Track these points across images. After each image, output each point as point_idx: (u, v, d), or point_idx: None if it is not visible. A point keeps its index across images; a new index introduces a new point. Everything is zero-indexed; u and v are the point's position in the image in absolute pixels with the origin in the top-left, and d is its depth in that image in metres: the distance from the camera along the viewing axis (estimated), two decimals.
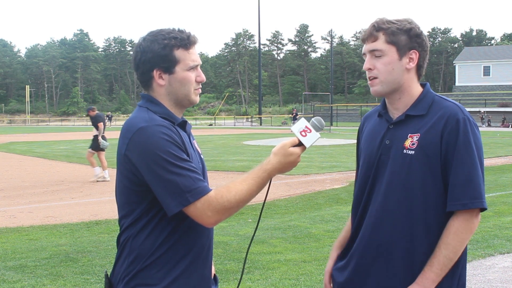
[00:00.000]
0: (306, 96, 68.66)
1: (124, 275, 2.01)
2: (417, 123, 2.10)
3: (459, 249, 2.04)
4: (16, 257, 6.21)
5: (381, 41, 2.09)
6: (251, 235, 7.16)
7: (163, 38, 2.02)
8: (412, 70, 2.12)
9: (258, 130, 48.34)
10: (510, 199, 10.13)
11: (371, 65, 2.12)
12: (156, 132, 1.91)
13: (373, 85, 2.14)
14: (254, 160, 17.87)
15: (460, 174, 2.01)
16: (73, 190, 12.17)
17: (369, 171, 2.19)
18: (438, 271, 2.02)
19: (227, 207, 1.91)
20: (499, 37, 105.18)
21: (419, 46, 2.11)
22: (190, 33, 2.07)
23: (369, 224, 2.16)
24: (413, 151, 2.06)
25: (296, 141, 2.02)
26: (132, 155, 1.93)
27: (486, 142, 27.38)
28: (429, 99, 2.13)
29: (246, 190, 1.94)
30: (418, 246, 2.07)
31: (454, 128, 2.03)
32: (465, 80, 68.55)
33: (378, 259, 2.13)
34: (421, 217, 2.06)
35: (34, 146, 27.77)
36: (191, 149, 2.05)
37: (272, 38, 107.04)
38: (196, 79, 2.08)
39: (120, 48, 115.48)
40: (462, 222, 2.02)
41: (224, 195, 1.91)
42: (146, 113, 2.00)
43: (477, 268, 5.80)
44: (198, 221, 1.93)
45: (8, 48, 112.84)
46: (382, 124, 2.20)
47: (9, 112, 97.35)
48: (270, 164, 1.99)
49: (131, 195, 1.99)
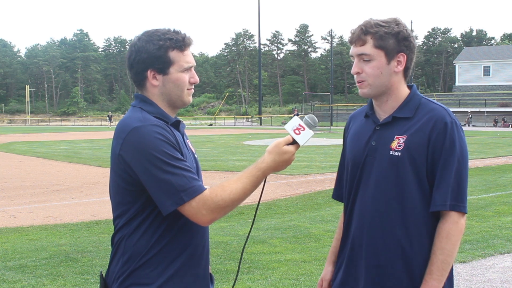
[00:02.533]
0: (306, 96, 68.64)
1: (119, 274, 2.01)
2: (403, 125, 2.11)
3: (454, 252, 2.06)
4: (16, 257, 6.21)
5: (370, 45, 2.09)
6: (251, 235, 7.17)
7: (158, 39, 2.02)
8: (399, 73, 2.14)
9: (258, 130, 48.34)
10: (510, 199, 10.13)
11: (360, 69, 2.13)
12: (150, 132, 1.92)
13: (361, 88, 2.16)
14: (254, 160, 17.76)
15: (446, 177, 2.04)
16: (73, 190, 12.16)
17: (355, 171, 2.20)
18: (439, 277, 2.05)
19: (221, 206, 1.92)
20: (499, 37, 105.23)
21: (407, 49, 2.12)
22: (185, 35, 2.07)
23: (358, 227, 2.17)
24: (400, 152, 2.08)
25: (290, 139, 2.02)
26: (126, 155, 1.93)
27: (486, 142, 27.41)
28: (416, 101, 2.15)
29: (240, 189, 1.94)
30: (408, 246, 2.08)
31: (442, 131, 2.05)
32: (465, 80, 68.57)
33: (369, 261, 2.13)
34: (410, 218, 2.08)
35: (34, 146, 27.77)
36: (185, 149, 2.05)
37: (272, 38, 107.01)
38: (190, 80, 2.08)
39: (120, 48, 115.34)
40: (452, 225, 2.04)
41: (218, 194, 1.91)
42: (140, 113, 2.01)
43: (477, 268, 5.80)
44: (193, 220, 1.93)
45: (8, 48, 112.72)
46: (369, 125, 2.21)
47: (9, 112, 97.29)
48: (265, 163, 2.00)
49: (125, 195, 2.00)
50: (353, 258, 2.18)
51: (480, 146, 24.35)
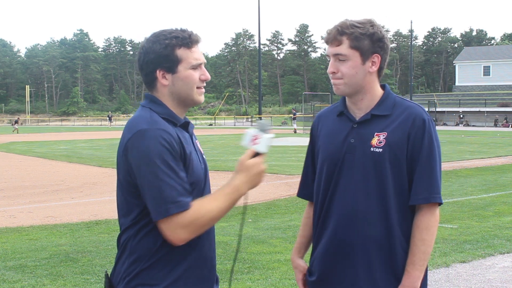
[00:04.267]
0: (306, 96, 68.58)
1: (125, 275, 2.01)
2: (382, 122, 2.18)
3: (432, 242, 2.16)
4: (16, 257, 6.21)
5: (345, 45, 2.15)
6: (251, 235, 7.17)
7: (165, 38, 2.03)
8: (374, 73, 2.21)
9: None
10: (510, 199, 10.13)
11: (335, 69, 2.19)
12: (156, 136, 1.92)
13: (337, 85, 2.21)
14: None
15: (425, 171, 2.13)
16: (73, 190, 12.16)
17: (331, 169, 2.23)
18: (421, 267, 2.14)
19: (197, 225, 1.92)
20: (499, 37, 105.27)
21: (381, 49, 2.19)
22: (192, 32, 2.08)
23: (338, 223, 2.20)
24: (381, 149, 2.15)
25: (251, 153, 2.02)
26: (129, 155, 1.94)
27: (486, 142, 27.41)
28: (391, 100, 2.23)
29: (216, 210, 1.95)
30: (389, 239, 2.15)
31: (420, 128, 2.14)
32: (465, 80, 68.59)
33: (353, 257, 2.17)
34: (393, 212, 2.15)
35: (34, 146, 27.77)
36: (192, 149, 2.05)
37: (272, 38, 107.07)
38: (201, 77, 2.07)
39: (120, 48, 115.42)
40: (430, 216, 2.14)
41: (195, 213, 1.91)
42: (148, 113, 2.01)
43: (477, 268, 5.80)
44: (166, 236, 1.92)
45: (8, 48, 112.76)
46: (344, 123, 2.25)
47: (9, 112, 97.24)
48: (238, 180, 1.99)
49: (128, 195, 2.00)
50: (333, 254, 2.21)
51: (480, 146, 24.35)
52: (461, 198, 10.24)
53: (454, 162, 16.77)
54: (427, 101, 59.27)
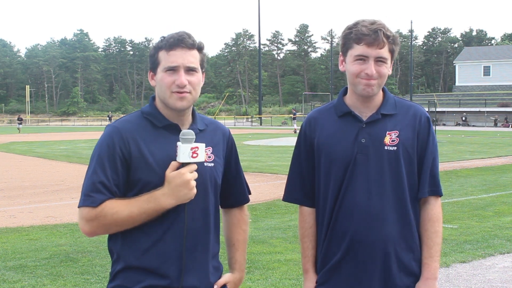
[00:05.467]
0: (306, 96, 68.66)
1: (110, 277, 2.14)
2: (391, 121, 2.21)
3: (442, 233, 2.25)
4: (16, 257, 6.21)
5: (386, 49, 2.15)
6: (251, 235, 7.16)
7: (158, 41, 2.07)
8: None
9: (258, 130, 48.35)
10: (510, 199, 10.14)
11: (375, 71, 2.13)
12: (106, 134, 2.04)
13: (372, 86, 2.15)
14: (254, 160, 17.85)
15: (431, 165, 2.22)
16: (73, 190, 12.15)
17: (342, 170, 2.19)
18: (438, 258, 2.21)
19: (100, 223, 1.97)
20: (499, 37, 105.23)
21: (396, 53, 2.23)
22: (183, 35, 2.03)
23: (356, 224, 2.17)
24: (395, 147, 2.17)
25: (175, 164, 1.97)
26: None
27: (486, 142, 27.40)
28: (392, 99, 2.27)
29: (125, 213, 1.97)
30: (408, 233, 2.19)
31: (425, 125, 2.23)
32: (465, 80, 68.56)
33: (375, 255, 2.16)
34: (409, 208, 2.19)
35: (34, 146, 27.78)
36: (156, 151, 2.01)
37: (272, 38, 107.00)
38: (175, 81, 2.01)
39: (120, 48, 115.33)
40: (438, 208, 2.23)
41: (101, 211, 1.96)
42: (135, 111, 2.14)
43: (477, 268, 5.80)
44: (79, 225, 2.03)
45: (8, 48, 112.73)
46: (351, 124, 2.22)
47: (9, 112, 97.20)
48: (159, 191, 1.97)
49: None
50: (354, 256, 2.18)
51: (480, 146, 24.35)
52: (461, 198, 10.25)
53: (454, 162, 16.78)
54: (427, 101, 59.05)
